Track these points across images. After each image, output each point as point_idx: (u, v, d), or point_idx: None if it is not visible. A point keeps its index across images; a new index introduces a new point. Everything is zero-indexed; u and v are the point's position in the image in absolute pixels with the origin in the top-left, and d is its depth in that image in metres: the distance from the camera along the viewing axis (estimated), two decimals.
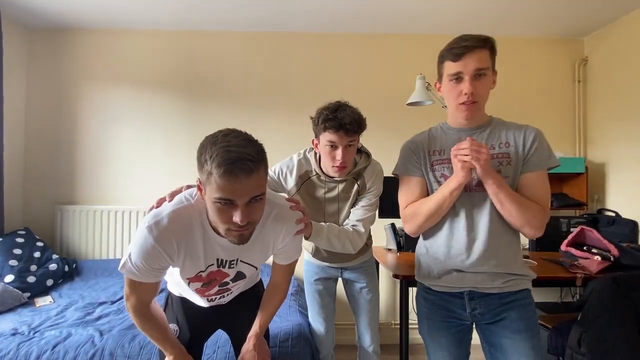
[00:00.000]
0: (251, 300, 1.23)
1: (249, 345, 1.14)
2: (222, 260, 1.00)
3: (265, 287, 1.25)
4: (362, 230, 1.37)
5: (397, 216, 2.41)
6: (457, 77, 1.07)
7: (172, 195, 1.00)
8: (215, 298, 1.12)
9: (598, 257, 1.72)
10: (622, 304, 1.46)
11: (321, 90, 2.75)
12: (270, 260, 1.18)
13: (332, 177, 1.40)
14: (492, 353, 1.14)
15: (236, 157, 0.79)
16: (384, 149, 2.45)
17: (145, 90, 2.75)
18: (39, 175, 2.70)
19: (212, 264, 1.00)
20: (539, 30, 2.75)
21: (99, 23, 2.66)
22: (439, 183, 1.16)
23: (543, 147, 1.09)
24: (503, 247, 1.10)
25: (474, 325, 1.18)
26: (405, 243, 2.26)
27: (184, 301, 1.16)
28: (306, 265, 1.70)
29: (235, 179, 0.79)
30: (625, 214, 2.44)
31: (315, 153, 1.43)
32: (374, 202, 1.41)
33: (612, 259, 1.71)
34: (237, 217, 0.83)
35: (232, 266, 1.03)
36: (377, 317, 1.67)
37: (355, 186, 1.41)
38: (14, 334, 1.65)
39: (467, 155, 1.02)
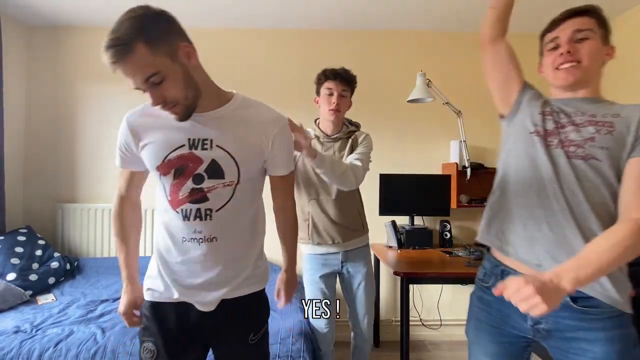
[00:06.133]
0: (247, 318, 1.03)
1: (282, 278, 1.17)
2: (193, 140, 0.93)
3: (268, 301, 1.11)
4: (360, 164, 1.57)
5: (397, 214, 2.45)
6: (554, 44, 0.93)
7: None
8: (192, 211, 0.93)
9: None
10: None
11: None
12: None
13: (330, 136, 1.66)
14: None
15: (106, 45, 0.77)
16: (383, 147, 2.46)
17: None
18: (39, 174, 2.70)
19: (184, 145, 0.93)
20: (538, 27, 2.73)
21: (99, 20, 2.65)
22: (535, 125, 0.94)
23: None
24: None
25: (532, 341, 0.94)
26: (405, 240, 2.27)
27: (157, 313, 0.99)
28: (307, 262, 1.70)
29: (115, 66, 0.79)
30: None
31: (315, 121, 1.72)
32: (367, 152, 1.64)
33: None
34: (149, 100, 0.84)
35: (205, 147, 0.93)
36: (373, 301, 1.73)
37: (350, 141, 1.67)
38: (16, 332, 1.66)
39: (530, 299, 0.68)
